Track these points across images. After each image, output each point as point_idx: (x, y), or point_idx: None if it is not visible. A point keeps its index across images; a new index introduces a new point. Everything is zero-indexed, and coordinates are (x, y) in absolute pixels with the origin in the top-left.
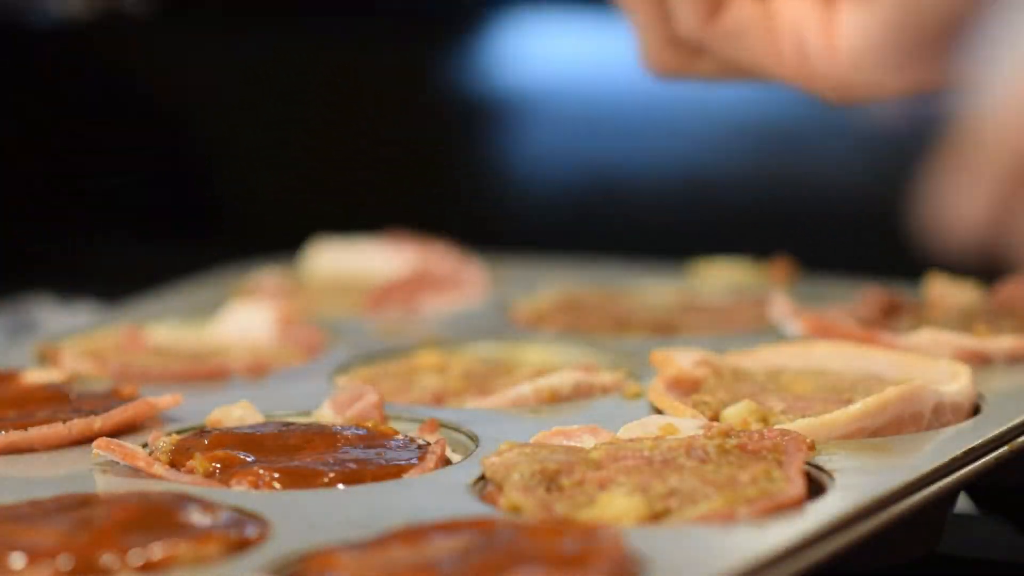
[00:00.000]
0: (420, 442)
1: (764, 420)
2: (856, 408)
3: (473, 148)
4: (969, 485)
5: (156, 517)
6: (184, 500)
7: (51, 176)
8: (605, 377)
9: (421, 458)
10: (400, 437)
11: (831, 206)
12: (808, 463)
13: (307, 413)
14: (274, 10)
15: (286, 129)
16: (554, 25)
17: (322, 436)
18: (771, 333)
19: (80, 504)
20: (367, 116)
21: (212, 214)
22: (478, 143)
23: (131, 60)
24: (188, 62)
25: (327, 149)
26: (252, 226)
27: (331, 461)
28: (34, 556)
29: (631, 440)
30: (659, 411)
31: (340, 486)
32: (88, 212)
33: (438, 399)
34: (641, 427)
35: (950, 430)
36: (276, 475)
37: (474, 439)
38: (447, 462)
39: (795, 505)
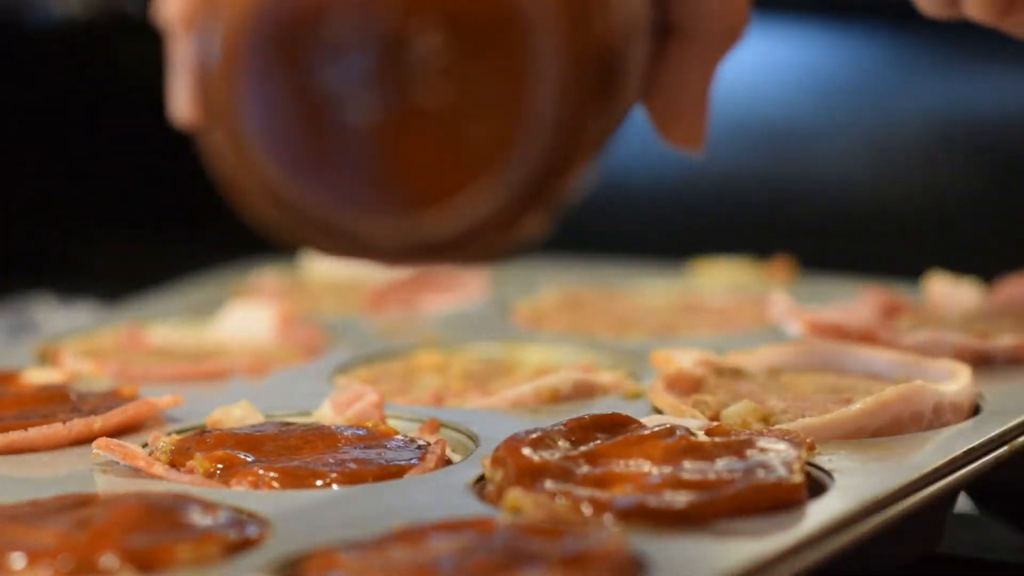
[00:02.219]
0: (420, 442)
1: (764, 420)
2: (856, 408)
3: None
4: (969, 485)
5: (156, 517)
6: (184, 500)
7: (51, 176)
8: (605, 377)
9: (421, 458)
10: (400, 437)
11: (831, 206)
12: (808, 463)
13: (307, 413)
14: None
15: None
16: None
17: (322, 436)
18: (771, 333)
19: (80, 504)
20: None
21: (212, 214)
22: None
23: (131, 60)
24: None
25: None
26: (252, 226)
27: (331, 461)
28: (34, 556)
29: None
30: (659, 411)
31: (340, 486)
32: (88, 211)
33: (438, 399)
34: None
35: (950, 430)
36: (276, 475)
37: (474, 439)
38: (447, 462)
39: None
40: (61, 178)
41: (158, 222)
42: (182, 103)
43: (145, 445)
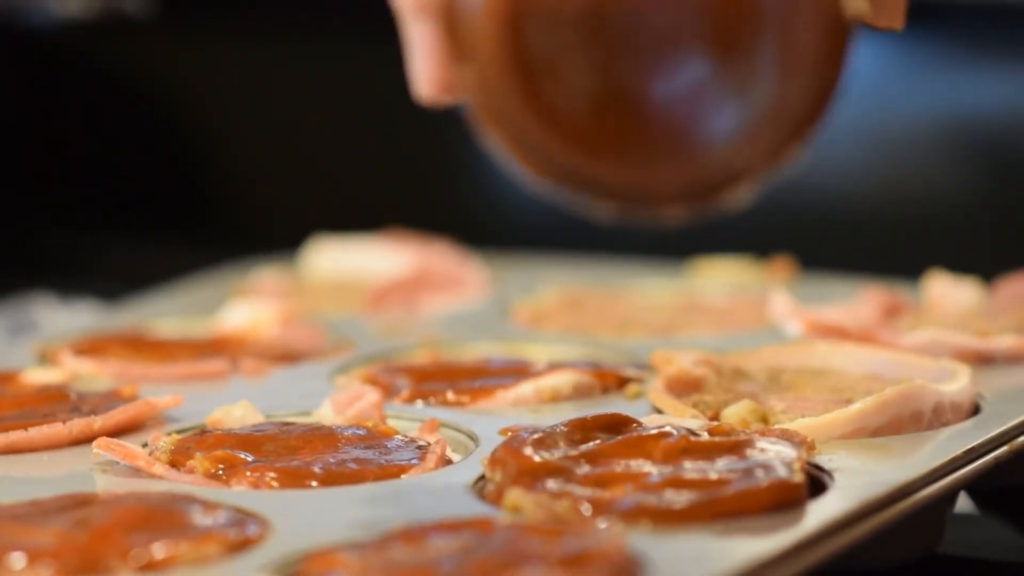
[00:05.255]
0: (420, 442)
1: (764, 420)
2: (856, 408)
3: (472, 148)
4: (969, 485)
5: (156, 517)
6: (184, 500)
7: (51, 176)
8: (609, 377)
9: (421, 458)
10: (400, 437)
11: (831, 206)
12: (808, 463)
13: (307, 413)
14: (274, 10)
15: (286, 129)
16: None
17: (322, 436)
18: (771, 333)
19: (80, 504)
20: (367, 116)
21: (212, 214)
22: (477, 143)
23: (131, 60)
24: (188, 62)
25: (327, 149)
26: (252, 226)
27: (331, 461)
28: (34, 556)
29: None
30: (659, 411)
31: (339, 486)
32: (88, 212)
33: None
34: None
35: (950, 430)
36: (276, 475)
37: (474, 439)
38: (447, 462)
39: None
40: (61, 178)
41: (158, 222)
42: (425, 81)
43: (145, 445)
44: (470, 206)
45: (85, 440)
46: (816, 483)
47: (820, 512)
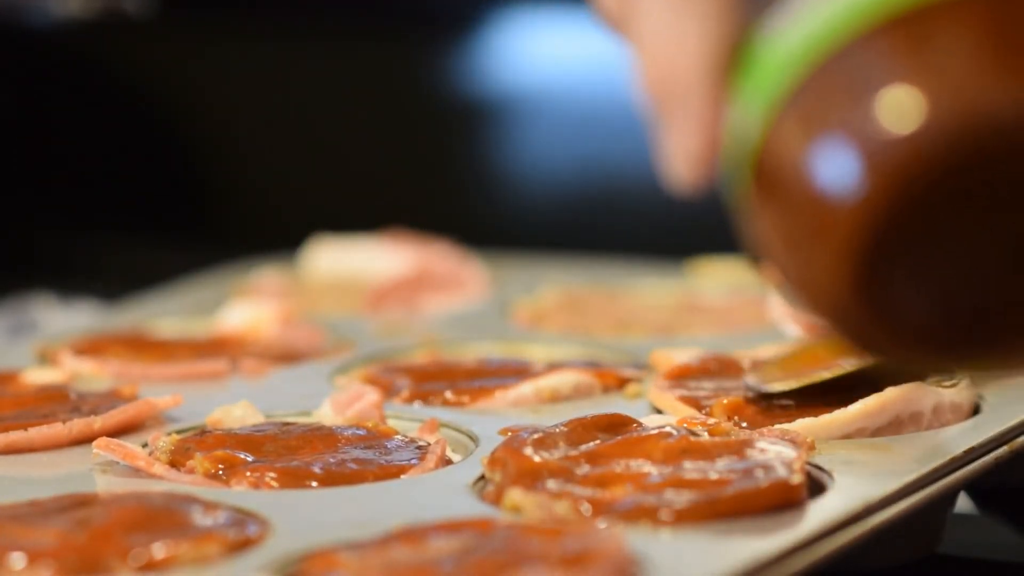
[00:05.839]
0: (420, 442)
1: None
2: (856, 408)
3: (472, 148)
4: (969, 485)
5: (156, 517)
6: (184, 500)
7: (51, 176)
8: (610, 377)
9: (421, 458)
10: (400, 437)
11: None
12: (808, 463)
13: (307, 413)
14: (274, 10)
15: (286, 129)
16: (553, 25)
17: (322, 436)
18: (771, 333)
19: (80, 504)
20: (366, 116)
21: (212, 214)
22: (477, 143)
23: (131, 60)
24: (188, 62)
25: (327, 149)
26: (252, 226)
27: (331, 461)
28: (34, 556)
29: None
30: (659, 411)
31: (340, 486)
32: (88, 212)
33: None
34: None
35: (950, 430)
36: (276, 475)
37: (474, 439)
38: (447, 462)
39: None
40: (61, 178)
41: (158, 222)
42: (683, 165)
43: (145, 445)
44: (470, 206)
45: (85, 440)
46: (816, 483)
47: (820, 512)
